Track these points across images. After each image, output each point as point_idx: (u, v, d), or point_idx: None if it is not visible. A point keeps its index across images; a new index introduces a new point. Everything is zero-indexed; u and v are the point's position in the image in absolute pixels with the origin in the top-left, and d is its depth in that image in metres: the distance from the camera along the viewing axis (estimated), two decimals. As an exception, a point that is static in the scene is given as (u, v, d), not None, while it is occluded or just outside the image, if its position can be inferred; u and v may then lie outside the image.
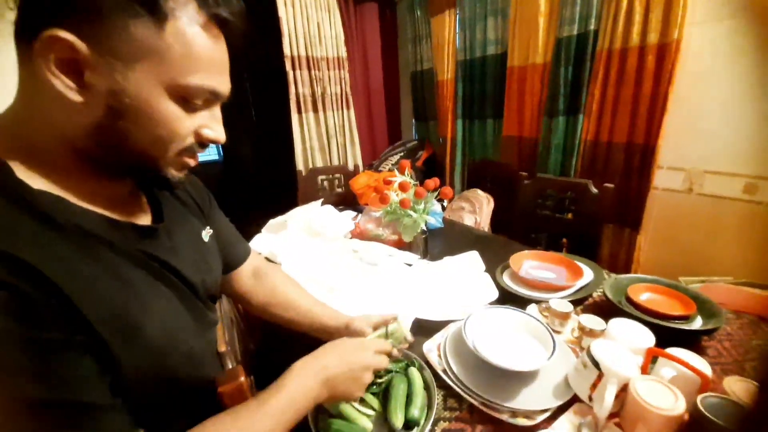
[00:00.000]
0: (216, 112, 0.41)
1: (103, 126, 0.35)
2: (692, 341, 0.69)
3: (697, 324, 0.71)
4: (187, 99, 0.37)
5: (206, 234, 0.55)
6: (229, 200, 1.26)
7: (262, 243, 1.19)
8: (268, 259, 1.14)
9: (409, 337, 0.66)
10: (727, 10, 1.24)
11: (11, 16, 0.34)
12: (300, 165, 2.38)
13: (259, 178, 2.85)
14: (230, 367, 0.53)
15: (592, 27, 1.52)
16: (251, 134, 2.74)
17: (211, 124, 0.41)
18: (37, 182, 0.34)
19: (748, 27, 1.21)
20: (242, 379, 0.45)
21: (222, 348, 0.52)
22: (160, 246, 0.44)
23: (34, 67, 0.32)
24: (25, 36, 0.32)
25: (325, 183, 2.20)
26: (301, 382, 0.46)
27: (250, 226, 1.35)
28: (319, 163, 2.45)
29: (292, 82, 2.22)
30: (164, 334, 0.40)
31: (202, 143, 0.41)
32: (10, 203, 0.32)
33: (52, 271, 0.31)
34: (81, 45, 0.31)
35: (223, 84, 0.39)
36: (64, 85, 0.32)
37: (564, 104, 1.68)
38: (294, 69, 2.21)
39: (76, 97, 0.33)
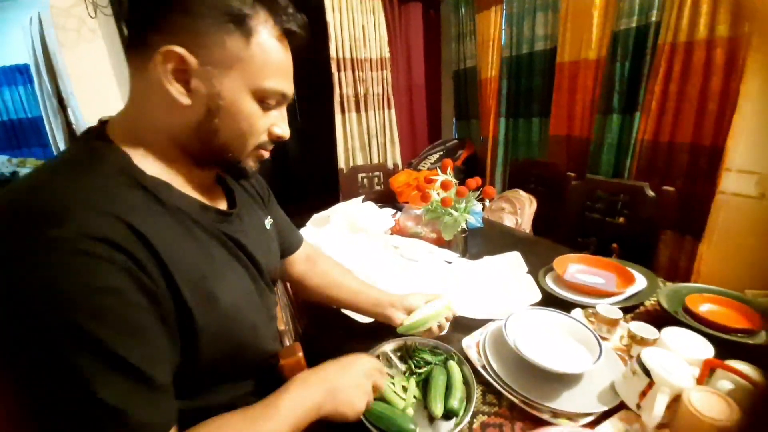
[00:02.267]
0: (283, 112, 0.49)
1: (202, 124, 0.42)
2: (756, 357, 0.64)
3: (762, 338, 0.66)
4: (264, 100, 0.44)
5: (268, 222, 0.62)
6: (276, 194, 1.34)
7: (307, 236, 1.26)
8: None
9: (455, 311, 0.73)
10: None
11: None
12: (342, 163, 2.46)
13: (303, 174, 2.98)
14: (288, 343, 0.58)
15: (653, 19, 1.42)
16: (296, 133, 2.87)
17: (280, 123, 0.48)
18: (149, 169, 0.42)
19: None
20: (300, 354, 0.50)
21: (282, 327, 0.58)
22: (235, 228, 0.50)
23: (148, 75, 0.39)
24: (140, 50, 0.40)
25: (365, 181, 2.26)
26: (302, 392, 0.47)
27: (294, 220, 1.43)
28: (360, 162, 2.52)
29: (336, 83, 2.30)
30: (234, 305, 0.45)
31: (273, 139, 0.49)
32: (129, 182, 0.39)
33: (157, 239, 0.37)
34: (191, 57, 0.38)
35: (290, 87, 0.47)
36: (177, 91, 0.40)
37: (619, 101, 1.59)
38: (339, 71, 2.28)
39: (185, 101, 0.40)
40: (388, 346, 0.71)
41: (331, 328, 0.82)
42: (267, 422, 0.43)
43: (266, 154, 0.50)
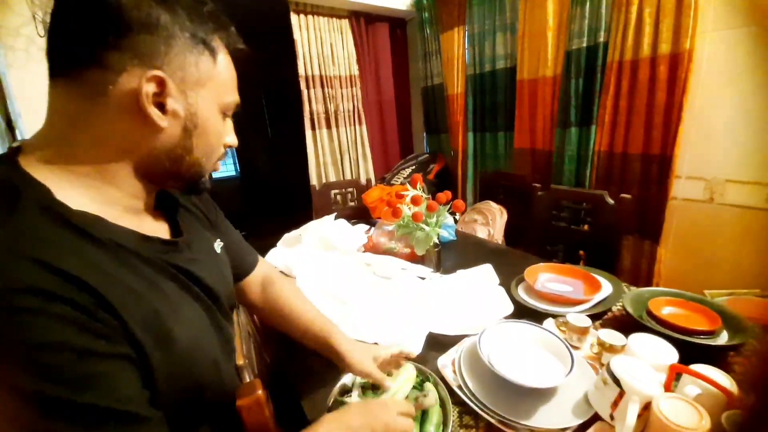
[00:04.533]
0: (230, 122, 0.49)
1: (177, 144, 0.42)
2: (718, 357, 0.66)
3: (723, 339, 0.68)
4: (225, 113, 0.46)
5: (218, 246, 0.57)
6: (246, 214, 1.29)
7: (277, 257, 1.22)
8: (283, 272, 1.17)
9: (431, 399, 0.60)
10: (741, 18, 1.23)
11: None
12: (314, 180, 2.43)
13: (275, 192, 2.91)
14: (248, 380, 0.54)
15: (601, 39, 1.53)
16: (267, 151, 2.82)
17: (231, 133, 0.50)
18: (74, 202, 0.37)
19: (763, 33, 1.19)
20: (260, 392, 0.46)
21: (240, 361, 0.53)
22: (184, 258, 0.46)
23: (107, 99, 0.36)
24: (91, 71, 0.36)
25: (338, 197, 2.24)
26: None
27: (265, 240, 1.38)
28: (332, 178, 2.50)
29: (306, 100, 2.29)
30: (192, 341, 0.42)
31: (226, 148, 0.50)
32: (52, 221, 0.34)
33: (97, 281, 0.33)
34: (169, 80, 0.38)
35: (238, 98, 0.48)
36: (156, 115, 0.38)
37: (576, 116, 1.68)
38: (308, 88, 2.28)
39: (164, 124, 0.39)
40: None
41: (302, 353, 0.78)
42: None
43: (219, 167, 0.51)
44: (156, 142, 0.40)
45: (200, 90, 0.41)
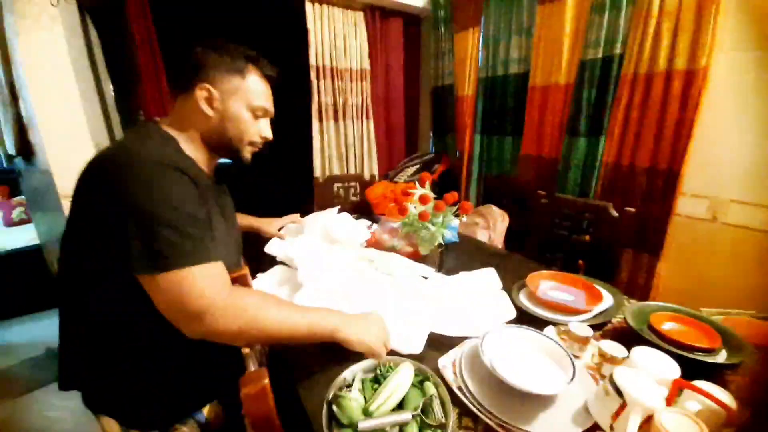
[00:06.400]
0: (267, 122, 0.82)
1: (218, 124, 0.73)
2: (715, 374, 0.67)
3: (722, 357, 0.69)
4: (254, 112, 0.77)
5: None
6: (248, 202, 1.30)
7: (278, 247, 1.21)
8: (283, 263, 1.16)
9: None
10: (756, 41, 1.23)
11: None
12: (317, 172, 2.41)
13: (278, 182, 2.90)
14: (252, 368, 0.54)
15: (617, 51, 1.52)
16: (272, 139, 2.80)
17: (264, 128, 0.81)
18: (186, 150, 0.71)
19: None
20: (266, 381, 0.46)
21: (246, 350, 0.53)
22: (223, 201, 0.83)
23: (190, 100, 0.71)
24: (187, 87, 0.72)
25: (341, 191, 2.24)
26: (324, 313, 0.69)
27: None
28: (336, 171, 2.48)
29: (315, 91, 2.27)
30: (219, 240, 0.68)
31: (262, 138, 0.81)
32: (179, 156, 0.68)
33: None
34: (215, 90, 0.71)
35: (270, 105, 0.80)
36: (208, 108, 0.72)
37: (586, 125, 1.67)
38: (318, 79, 2.26)
39: (210, 113, 0.72)
40: (360, 366, 0.68)
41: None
42: (295, 312, 0.65)
43: (255, 149, 0.83)
44: (209, 122, 0.73)
45: (234, 95, 0.72)
